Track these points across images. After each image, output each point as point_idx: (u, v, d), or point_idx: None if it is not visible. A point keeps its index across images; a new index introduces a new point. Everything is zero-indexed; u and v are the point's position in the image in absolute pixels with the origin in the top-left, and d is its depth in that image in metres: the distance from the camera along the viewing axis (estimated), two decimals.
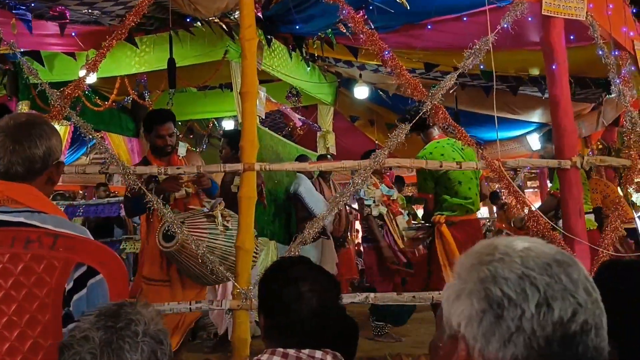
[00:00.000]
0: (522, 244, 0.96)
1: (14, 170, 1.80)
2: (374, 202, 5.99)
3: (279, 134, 8.89)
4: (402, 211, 6.06)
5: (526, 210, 3.59)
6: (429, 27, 5.49)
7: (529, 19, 4.20)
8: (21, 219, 1.71)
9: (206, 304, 3.34)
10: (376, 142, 9.65)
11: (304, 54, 7.32)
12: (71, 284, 1.72)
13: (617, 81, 4.08)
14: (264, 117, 7.11)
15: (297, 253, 3.45)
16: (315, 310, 1.77)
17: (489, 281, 0.92)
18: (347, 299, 3.46)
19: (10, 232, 1.66)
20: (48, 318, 1.67)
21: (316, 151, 8.60)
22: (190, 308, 3.32)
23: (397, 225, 5.94)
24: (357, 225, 9.52)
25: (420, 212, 8.54)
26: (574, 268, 0.94)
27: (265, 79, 7.27)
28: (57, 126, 7.71)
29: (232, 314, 3.35)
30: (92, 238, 1.82)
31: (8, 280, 1.62)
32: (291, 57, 7.13)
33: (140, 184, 3.47)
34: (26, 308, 1.64)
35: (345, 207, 6.34)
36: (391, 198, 6.03)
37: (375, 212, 5.92)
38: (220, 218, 4.06)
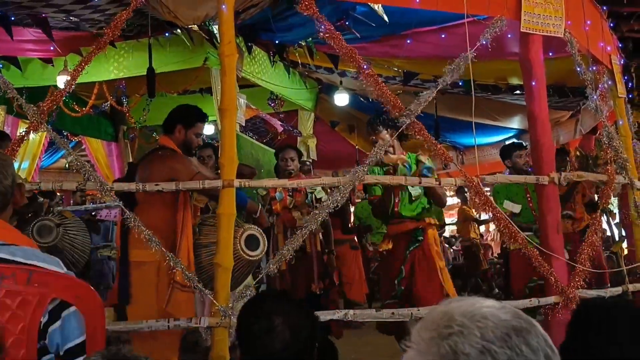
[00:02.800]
0: (478, 311, 0.94)
1: None
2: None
3: (261, 141, 8.88)
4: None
5: (502, 226, 3.60)
6: (409, 41, 5.50)
7: (509, 35, 4.22)
8: None
9: (185, 322, 3.32)
10: (356, 147, 9.67)
11: (285, 61, 7.30)
12: (46, 317, 1.70)
13: (595, 97, 4.11)
14: (244, 125, 7.09)
15: (275, 270, 3.44)
16: (288, 345, 1.80)
17: (450, 358, 0.90)
18: (326, 315, 3.45)
19: None
20: (22, 354, 1.65)
21: None
22: (168, 326, 3.29)
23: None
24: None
25: None
26: (532, 335, 0.93)
27: (246, 84, 7.24)
28: (32, 134, 7.64)
29: (211, 331, 3.32)
30: (65, 269, 1.79)
31: None
32: (272, 64, 7.11)
33: None
34: None
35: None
36: (288, 206, 5.03)
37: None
38: None
